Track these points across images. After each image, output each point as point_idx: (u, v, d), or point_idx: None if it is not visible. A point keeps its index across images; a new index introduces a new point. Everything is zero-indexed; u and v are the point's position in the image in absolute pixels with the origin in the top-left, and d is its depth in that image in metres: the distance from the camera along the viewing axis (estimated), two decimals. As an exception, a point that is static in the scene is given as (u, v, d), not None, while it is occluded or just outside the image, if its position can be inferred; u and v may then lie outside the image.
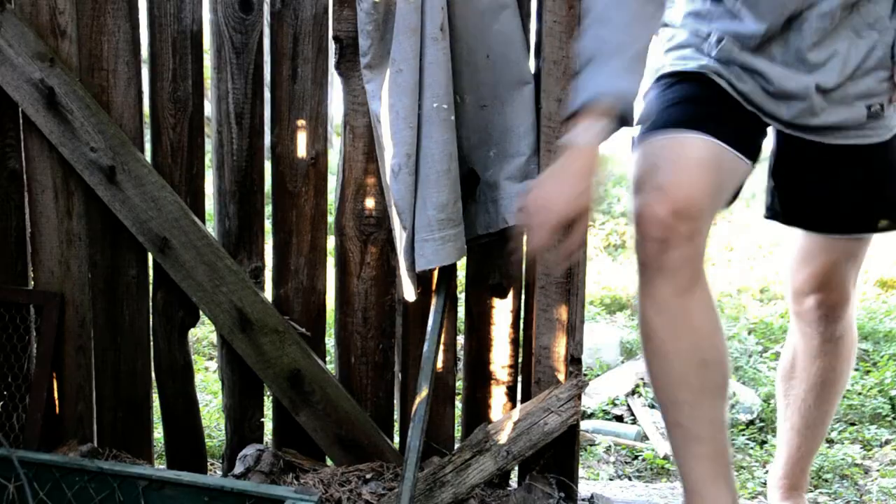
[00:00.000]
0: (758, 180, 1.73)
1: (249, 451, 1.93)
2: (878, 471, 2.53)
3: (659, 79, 1.63)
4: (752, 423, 2.97)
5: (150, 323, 1.98)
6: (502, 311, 1.96)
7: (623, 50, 1.38)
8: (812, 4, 1.44)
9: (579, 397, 1.86)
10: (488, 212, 1.84)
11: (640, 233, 1.45)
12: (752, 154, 1.55)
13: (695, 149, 1.47)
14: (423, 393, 1.61)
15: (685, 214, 1.41)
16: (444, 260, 1.76)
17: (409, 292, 1.81)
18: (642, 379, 3.30)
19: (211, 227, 1.94)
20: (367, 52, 1.75)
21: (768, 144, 1.67)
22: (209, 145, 1.90)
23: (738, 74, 1.53)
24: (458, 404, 2.06)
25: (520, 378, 2.00)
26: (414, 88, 1.71)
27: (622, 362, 3.64)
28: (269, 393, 2.01)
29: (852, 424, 2.89)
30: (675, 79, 1.60)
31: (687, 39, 1.60)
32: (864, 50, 1.48)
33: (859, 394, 3.08)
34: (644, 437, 2.93)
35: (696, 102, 1.55)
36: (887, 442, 2.74)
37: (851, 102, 1.52)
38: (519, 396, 2.00)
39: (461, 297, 2.03)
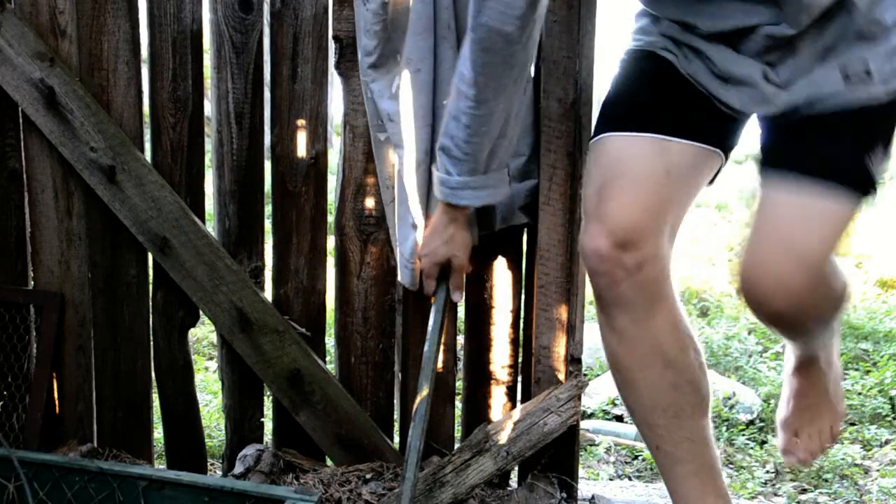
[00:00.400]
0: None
1: (249, 451, 1.93)
2: (878, 471, 2.53)
3: (625, 51, 1.53)
4: (752, 423, 2.97)
5: (150, 323, 1.98)
6: (502, 311, 1.96)
7: (478, 160, 1.56)
8: (757, 26, 1.31)
9: (579, 397, 1.86)
10: (487, 212, 1.84)
11: (587, 267, 1.39)
12: (717, 139, 1.42)
13: (639, 159, 1.38)
14: (424, 392, 1.61)
15: (629, 244, 1.33)
16: None
17: (412, 282, 1.83)
18: (642, 379, 3.30)
19: (211, 227, 1.94)
20: (373, 52, 1.75)
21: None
22: (209, 145, 1.90)
23: (685, 53, 1.40)
24: (458, 404, 2.06)
25: (520, 378, 2.00)
26: (431, 87, 1.72)
27: (622, 362, 3.63)
28: (269, 393, 2.01)
29: (852, 424, 2.89)
30: (630, 56, 1.50)
31: (645, 9, 1.49)
32: (831, 36, 1.30)
33: (859, 394, 3.08)
34: (644, 437, 2.92)
35: (647, 88, 1.44)
36: (887, 442, 2.74)
37: (819, 72, 1.31)
38: (519, 396, 2.00)
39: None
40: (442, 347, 1.98)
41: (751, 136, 1.50)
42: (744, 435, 2.87)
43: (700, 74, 1.40)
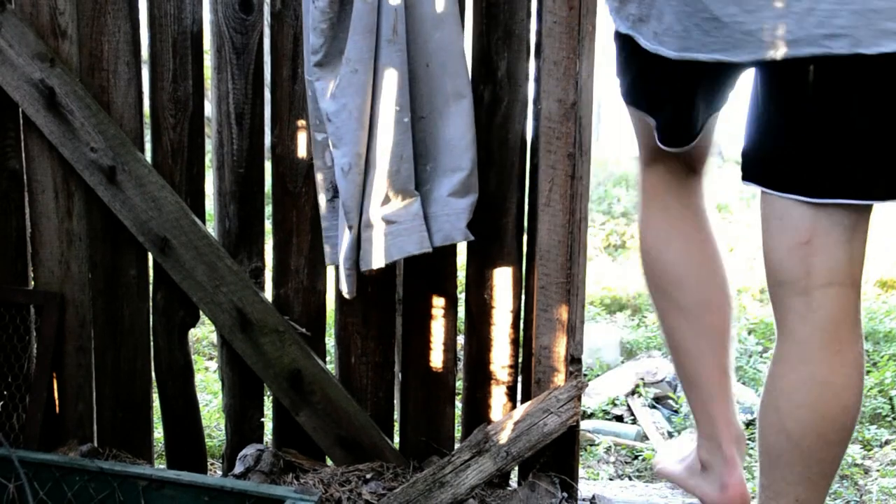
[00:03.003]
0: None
1: (249, 450, 1.93)
2: (878, 471, 2.53)
3: None
4: (751, 423, 2.97)
5: (150, 323, 1.98)
6: (502, 311, 1.96)
7: None
8: None
9: (579, 398, 1.86)
10: (428, 228, 1.81)
11: None
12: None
13: None
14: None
15: None
16: (387, 259, 1.77)
17: (349, 290, 1.81)
18: (642, 379, 3.31)
19: (211, 228, 1.95)
20: (319, 51, 1.74)
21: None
22: (209, 145, 1.91)
23: None
24: (459, 404, 2.06)
25: (520, 378, 2.00)
26: (368, 89, 1.71)
27: (622, 362, 3.65)
28: (269, 393, 2.01)
29: (852, 424, 2.89)
30: None
31: None
32: None
33: (859, 394, 3.08)
34: (644, 437, 2.93)
35: None
36: (887, 442, 2.74)
37: None
38: (519, 397, 2.00)
39: (461, 297, 2.03)
40: (442, 347, 1.98)
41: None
42: (744, 435, 2.87)
43: None
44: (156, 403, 2.06)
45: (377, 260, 1.77)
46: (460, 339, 2.10)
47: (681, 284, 1.53)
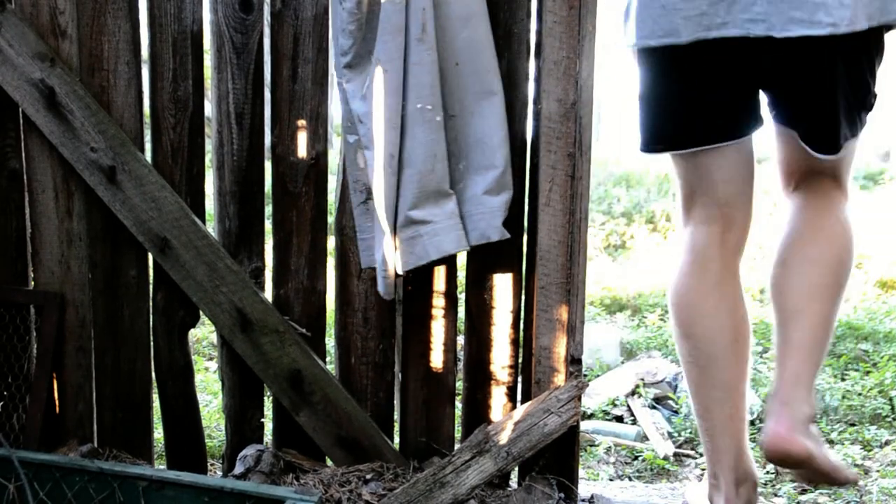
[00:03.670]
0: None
1: (249, 451, 1.93)
2: (878, 471, 2.53)
3: None
4: (752, 423, 2.97)
5: (150, 323, 1.98)
6: (502, 311, 1.96)
7: None
8: None
9: (579, 398, 1.86)
10: (464, 227, 1.82)
11: None
12: None
13: None
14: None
15: None
16: (425, 259, 1.77)
17: (386, 292, 1.82)
18: (642, 379, 3.30)
19: (211, 228, 1.95)
20: (349, 52, 1.75)
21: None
22: (209, 145, 1.90)
23: None
24: (459, 405, 2.06)
25: (520, 378, 2.00)
26: (398, 89, 1.71)
27: (622, 362, 3.64)
28: (269, 393, 2.01)
29: (852, 425, 2.89)
30: None
31: None
32: None
33: (859, 394, 3.09)
34: (644, 438, 2.93)
35: None
36: (887, 443, 2.74)
37: None
38: (519, 397, 2.00)
39: (461, 297, 2.03)
40: (442, 347, 1.98)
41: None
42: (744, 435, 2.86)
43: None
44: (156, 403, 2.06)
45: (414, 260, 1.78)
46: (460, 339, 2.10)
47: (707, 347, 1.69)
